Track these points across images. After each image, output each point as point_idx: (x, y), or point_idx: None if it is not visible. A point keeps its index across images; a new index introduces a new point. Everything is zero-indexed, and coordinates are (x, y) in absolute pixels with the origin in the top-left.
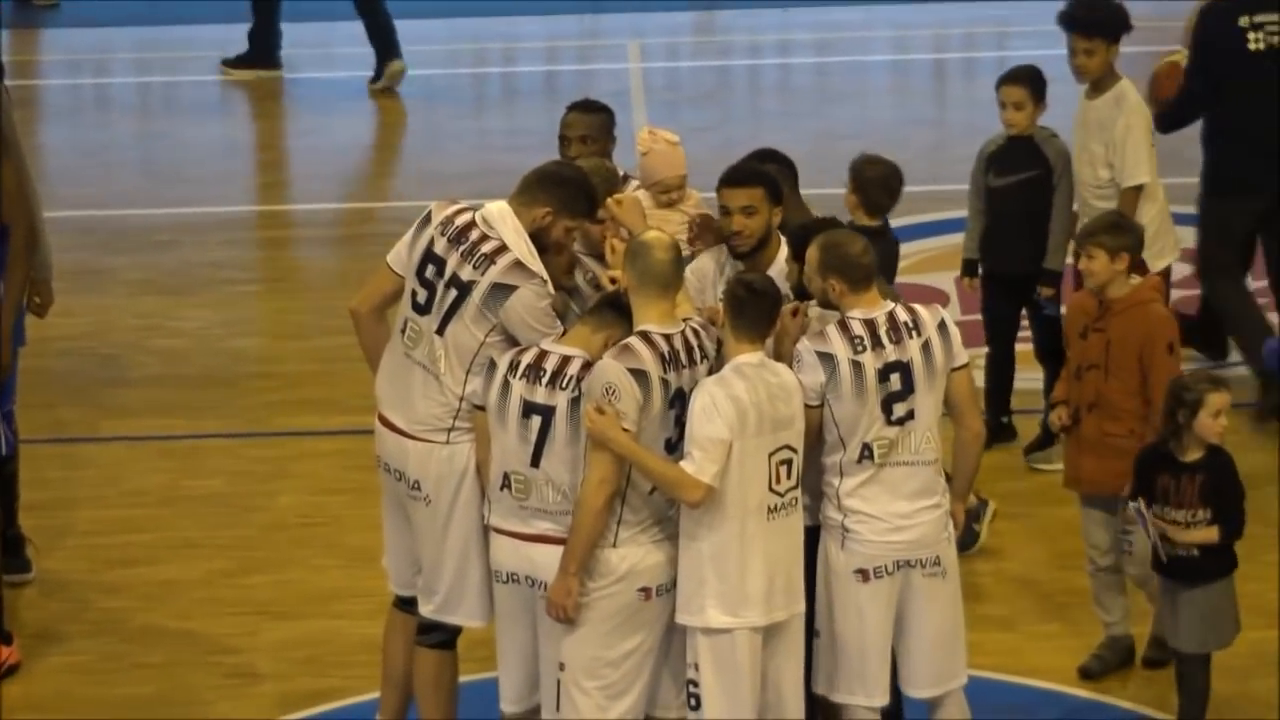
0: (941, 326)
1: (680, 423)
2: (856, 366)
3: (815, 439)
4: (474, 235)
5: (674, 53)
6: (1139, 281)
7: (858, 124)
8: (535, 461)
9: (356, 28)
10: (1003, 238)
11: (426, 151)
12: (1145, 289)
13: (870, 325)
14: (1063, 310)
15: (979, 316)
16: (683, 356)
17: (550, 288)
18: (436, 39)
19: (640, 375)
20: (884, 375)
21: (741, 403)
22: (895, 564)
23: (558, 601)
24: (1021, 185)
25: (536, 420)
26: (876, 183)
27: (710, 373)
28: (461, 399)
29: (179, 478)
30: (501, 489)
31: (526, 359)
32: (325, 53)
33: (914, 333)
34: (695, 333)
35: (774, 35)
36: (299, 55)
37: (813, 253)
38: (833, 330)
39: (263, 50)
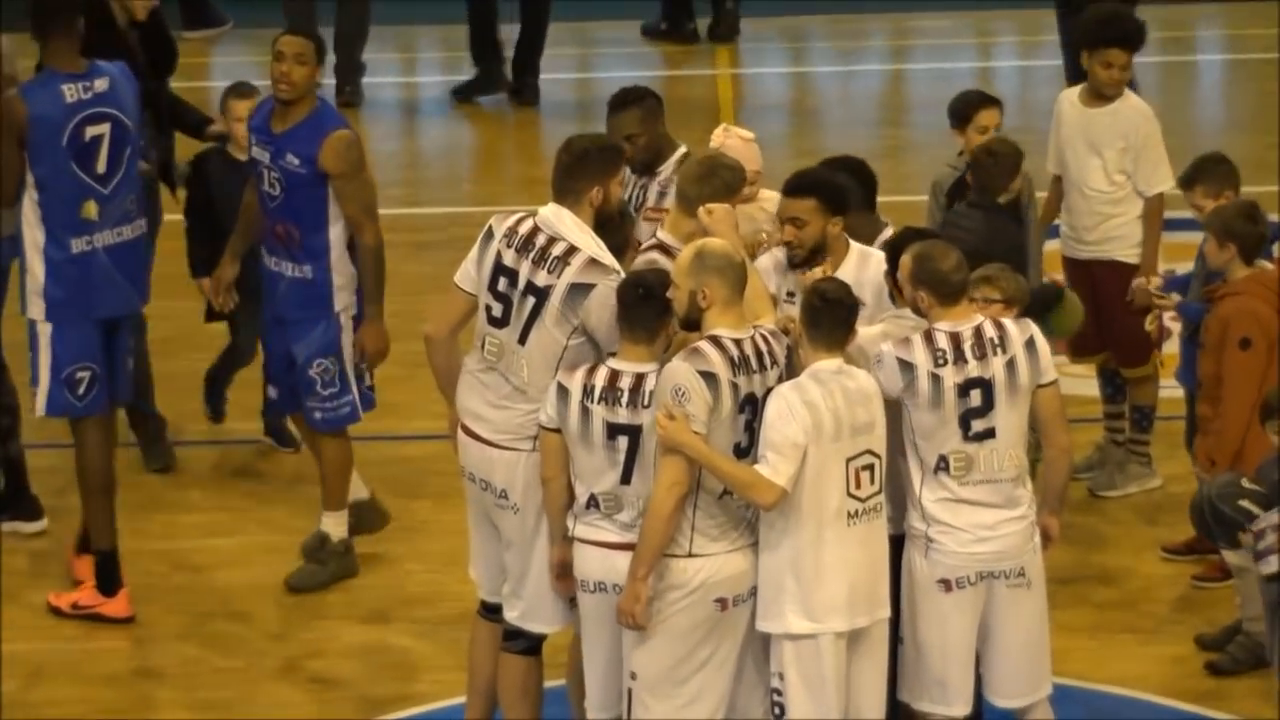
0: (1029, 343)
1: (750, 428)
2: (935, 379)
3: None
4: (540, 240)
5: (761, 59)
6: (1250, 272)
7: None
8: (627, 479)
9: (437, 32)
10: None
11: (518, 157)
12: (1248, 280)
13: (955, 339)
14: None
15: None
16: (753, 361)
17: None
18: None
19: (710, 378)
20: (964, 390)
21: (817, 408)
22: (979, 575)
23: (626, 608)
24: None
25: (624, 440)
26: (987, 167)
27: (781, 379)
28: None
29: (259, 482)
30: (588, 507)
31: (600, 381)
32: (409, 59)
33: (999, 349)
34: (765, 338)
35: (876, 41)
36: (390, 61)
37: (906, 262)
38: (917, 340)
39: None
